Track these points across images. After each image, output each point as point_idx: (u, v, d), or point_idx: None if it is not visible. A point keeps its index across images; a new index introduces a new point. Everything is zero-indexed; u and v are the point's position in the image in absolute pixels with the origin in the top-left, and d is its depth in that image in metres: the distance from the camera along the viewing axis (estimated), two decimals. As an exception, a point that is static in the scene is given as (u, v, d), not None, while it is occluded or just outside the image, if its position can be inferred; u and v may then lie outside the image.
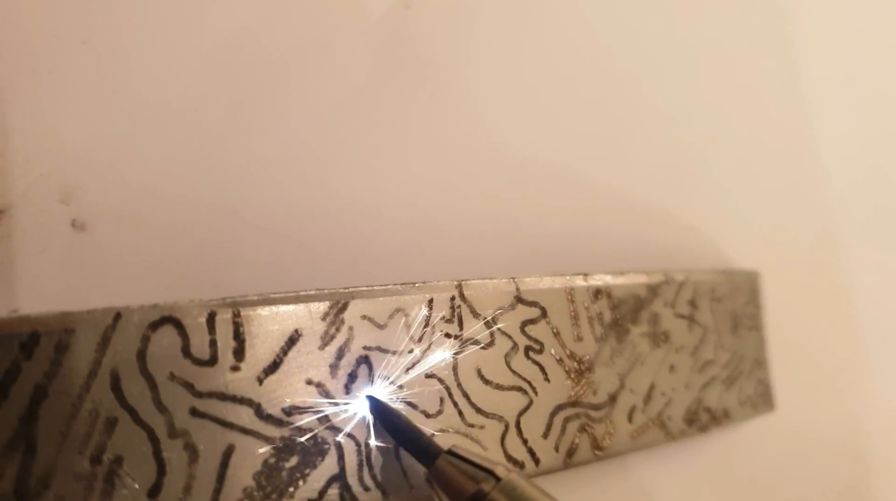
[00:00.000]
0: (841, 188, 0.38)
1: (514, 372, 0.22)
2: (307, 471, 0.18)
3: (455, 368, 0.20)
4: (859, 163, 0.38)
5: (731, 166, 0.33)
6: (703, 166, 0.32)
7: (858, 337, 0.38)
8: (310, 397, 0.18)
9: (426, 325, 0.20)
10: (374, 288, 0.19)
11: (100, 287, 0.18)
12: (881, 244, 0.39)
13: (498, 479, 0.18)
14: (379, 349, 0.19)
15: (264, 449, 0.17)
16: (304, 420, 0.18)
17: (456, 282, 0.21)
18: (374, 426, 0.19)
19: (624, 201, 0.29)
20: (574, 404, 0.23)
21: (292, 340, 0.18)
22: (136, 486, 0.16)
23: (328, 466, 0.18)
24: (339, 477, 0.18)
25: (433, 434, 0.20)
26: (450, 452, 0.18)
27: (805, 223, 0.36)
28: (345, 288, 0.19)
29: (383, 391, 0.19)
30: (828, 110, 0.37)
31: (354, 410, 0.19)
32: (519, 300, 0.22)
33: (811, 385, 0.35)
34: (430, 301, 0.20)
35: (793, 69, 0.37)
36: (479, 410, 0.21)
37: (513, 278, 0.22)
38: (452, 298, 0.21)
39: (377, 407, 0.19)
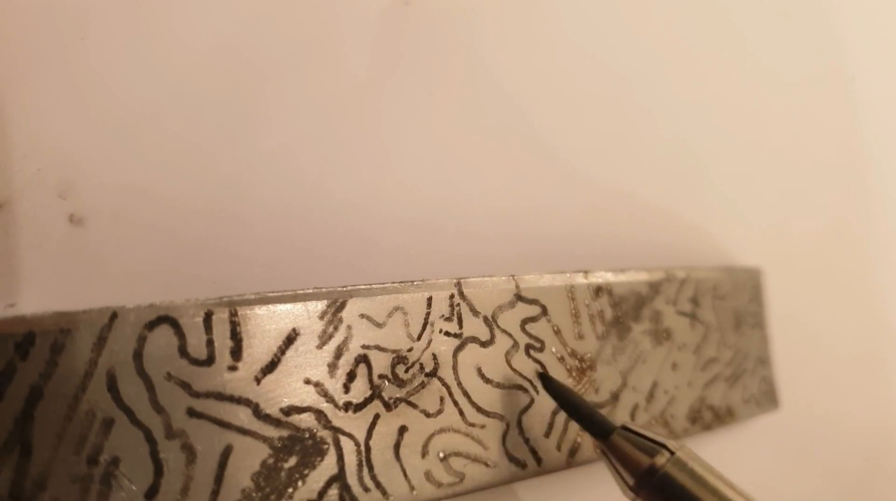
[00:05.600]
0: (844, 184, 0.37)
1: (514, 370, 0.22)
2: (306, 472, 0.18)
3: (455, 367, 0.20)
4: (862, 158, 0.38)
5: (733, 163, 0.33)
6: (704, 162, 0.32)
7: (864, 334, 0.37)
8: (308, 397, 0.18)
9: (425, 324, 0.20)
10: (373, 286, 0.19)
11: (97, 281, 0.18)
12: (885, 240, 0.39)
13: (672, 453, 0.19)
14: (378, 348, 0.19)
15: (262, 450, 0.17)
16: (303, 420, 0.18)
17: (455, 280, 0.21)
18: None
19: (625, 198, 0.28)
20: (576, 403, 0.23)
21: (290, 339, 0.18)
22: (134, 487, 0.16)
23: (327, 466, 0.18)
24: (339, 478, 0.18)
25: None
26: (623, 427, 0.20)
27: (807, 220, 0.36)
28: (343, 287, 0.19)
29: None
30: (831, 106, 0.37)
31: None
32: (519, 298, 0.22)
33: (816, 383, 0.34)
34: (430, 299, 0.20)
35: (794, 65, 0.36)
36: (479, 409, 0.21)
37: (512, 276, 0.22)
38: (452, 296, 0.21)
39: (551, 385, 0.20)
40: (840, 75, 0.38)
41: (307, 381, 0.18)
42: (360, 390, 0.19)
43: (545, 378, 0.21)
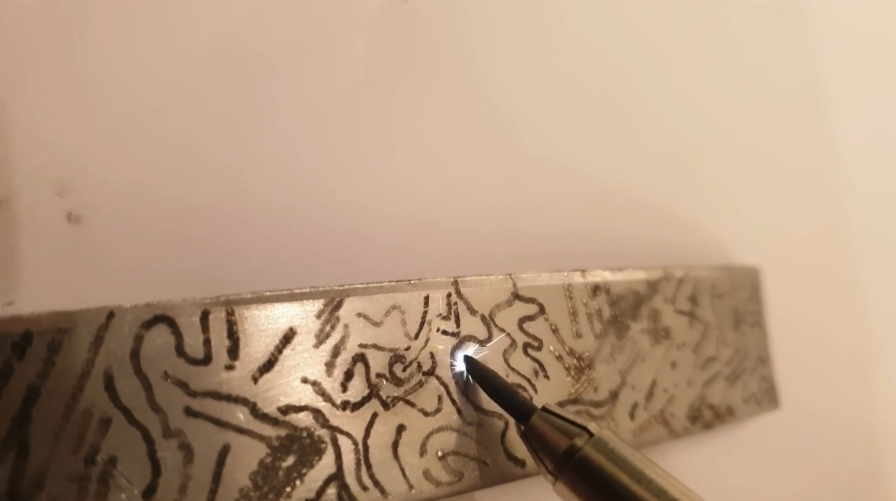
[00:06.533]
0: (842, 182, 0.37)
1: (512, 369, 0.21)
2: (304, 471, 0.18)
3: (452, 366, 0.20)
4: (861, 157, 0.38)
5: (732, 161, 0.33)
6: (702, 161, 0.32)
7: (863, 333, 0.37)
8: (305, 396, 0.18)
9: (423, 322, 0.20)
10: (370, 285, 0.19)
11: (94, 280, 0.18)
12: (883, 238, 0.39)
13: (591, 435, 0.18)
14: (375, 347, 0.19)
15: (260, 449, 0.17)
16: (301, 419, 0.18)
17: (452, 279, 0.21)
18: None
19: (623, 197, 0.28)
20: (575, 401, 0.23)
21: (287, 338, 0.18)
22: (131, 487, 0.16)
23: (325, 465, 0.18)
24: (337, 477, 0.18)
25: (531, 397, 0.21)
26: (544, 409, 0.19)
27: (806, 218, 0.36)
28: (340, 286, 0.19)
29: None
30: (830, 104, 0.37)
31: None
32: (516, 296, 0.22)
33: (816, 381, 0.34)
34: (427, 298, 0.20)
35: (794, 63, 0.36)
36: (477, 408, 0.21)
37: (510, 275, 0.22)
38: (449, 295, 0.21)
39: (474, 367, 0.20)
40: (839, 76, 0.38)
41: (304, 380, 0.18)
42: (357, 389, 0.19)
43: (469, 359, 0.20)
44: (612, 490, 0.18)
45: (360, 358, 0.19)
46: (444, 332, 0.20)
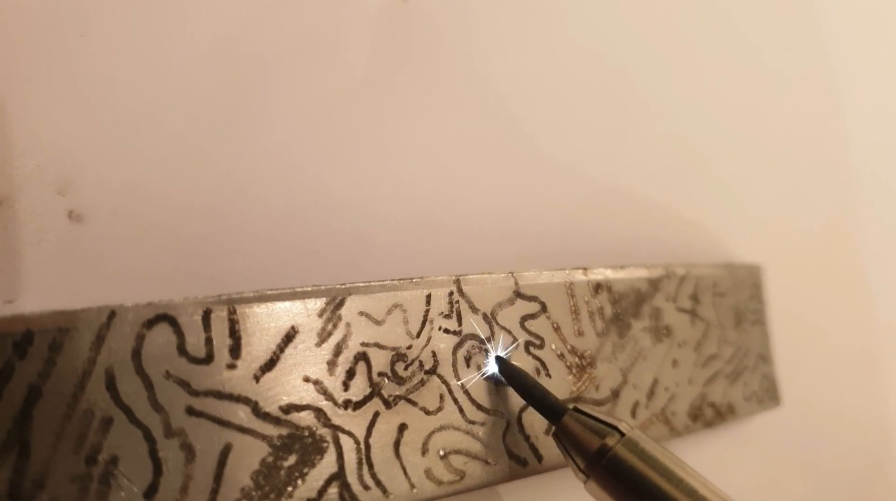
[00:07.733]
0: (846, 178, 0.37)
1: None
2: (306, 470, 0.18)
3: (454, 364, 0.20)
4: (863, 155, 0.38)
5: (733, 159, 0.33)
6: (704, 159, 0.32)
7: (865, 331, 0.37)
8: (307, 394, 0.18)
9: (424, 321, 0.20)
10: (372, 283, 0.19)
11: (96, 278, 0.18)
12: (885, 236, 0.39)
13: (622, 434, 0.19)
14: (377, 345, 0.19)
15: (262, 448, 0.17)
16: (302, 418, 0.18)
17: (454, 277, 0.21)
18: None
19: (624, 195, 0.28)
20: (576, 400, 0.23)
21: (289, 337, 0.18)
22: (133, 487, 0.16)
23: (327, 465, 0.18)
24: (339, 476, 0.18)
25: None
26: (575, 409, 0.19)
27: (808, 216, 0.36)
28: (342, 285, 0.19)
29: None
30: (833, 98, 0.37)
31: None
32: (518, 295, 0.22)
33: (817, 379, 0.34)
34: (429, 296, 0.20)
35: (796, 58, 0.36)
36: (479, 407, 0.21)
37: (511, 273, 0.22)
38: (451, 293, 0.20)
39: (506, 368, 0.20)
40: (841, 72, 0.38)
41: (306, 379, 0.18)
42: (359, 388, 0.19)
43: (500, 360, 0.21)
44: (643, 489, 0.18)
45: (361, 357, 0.19)
46: (446, 331, 0.20)
